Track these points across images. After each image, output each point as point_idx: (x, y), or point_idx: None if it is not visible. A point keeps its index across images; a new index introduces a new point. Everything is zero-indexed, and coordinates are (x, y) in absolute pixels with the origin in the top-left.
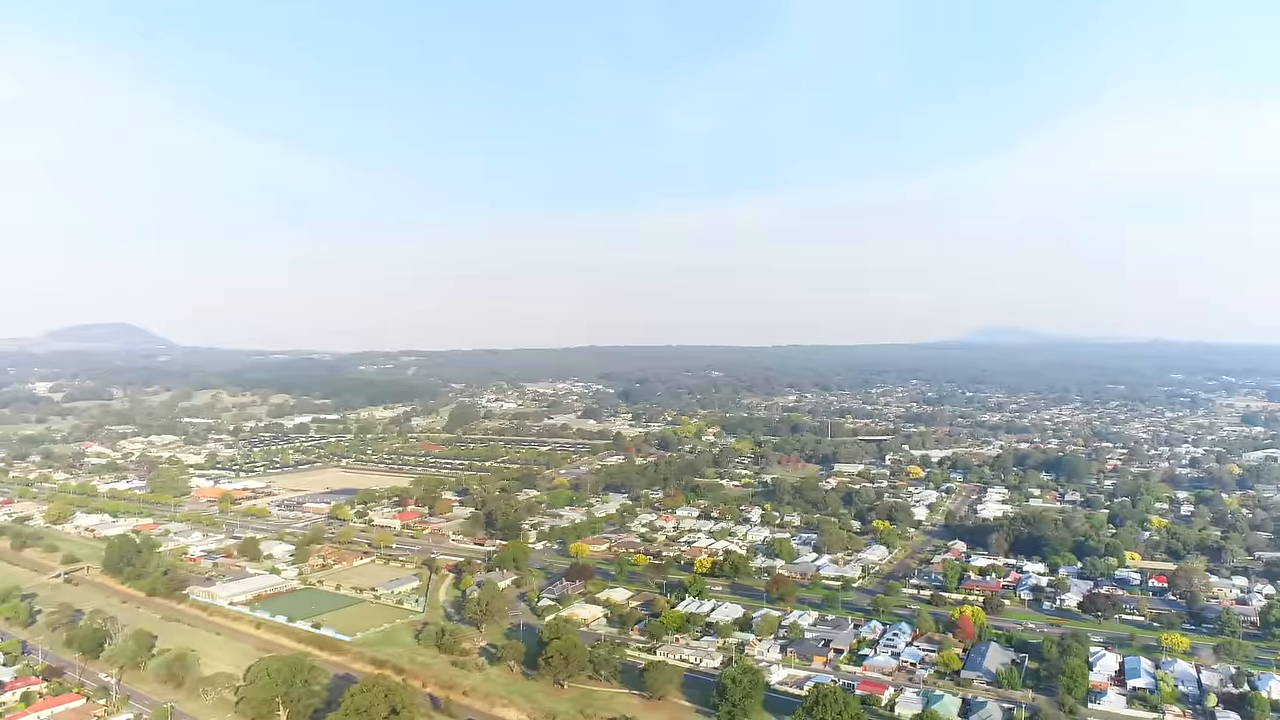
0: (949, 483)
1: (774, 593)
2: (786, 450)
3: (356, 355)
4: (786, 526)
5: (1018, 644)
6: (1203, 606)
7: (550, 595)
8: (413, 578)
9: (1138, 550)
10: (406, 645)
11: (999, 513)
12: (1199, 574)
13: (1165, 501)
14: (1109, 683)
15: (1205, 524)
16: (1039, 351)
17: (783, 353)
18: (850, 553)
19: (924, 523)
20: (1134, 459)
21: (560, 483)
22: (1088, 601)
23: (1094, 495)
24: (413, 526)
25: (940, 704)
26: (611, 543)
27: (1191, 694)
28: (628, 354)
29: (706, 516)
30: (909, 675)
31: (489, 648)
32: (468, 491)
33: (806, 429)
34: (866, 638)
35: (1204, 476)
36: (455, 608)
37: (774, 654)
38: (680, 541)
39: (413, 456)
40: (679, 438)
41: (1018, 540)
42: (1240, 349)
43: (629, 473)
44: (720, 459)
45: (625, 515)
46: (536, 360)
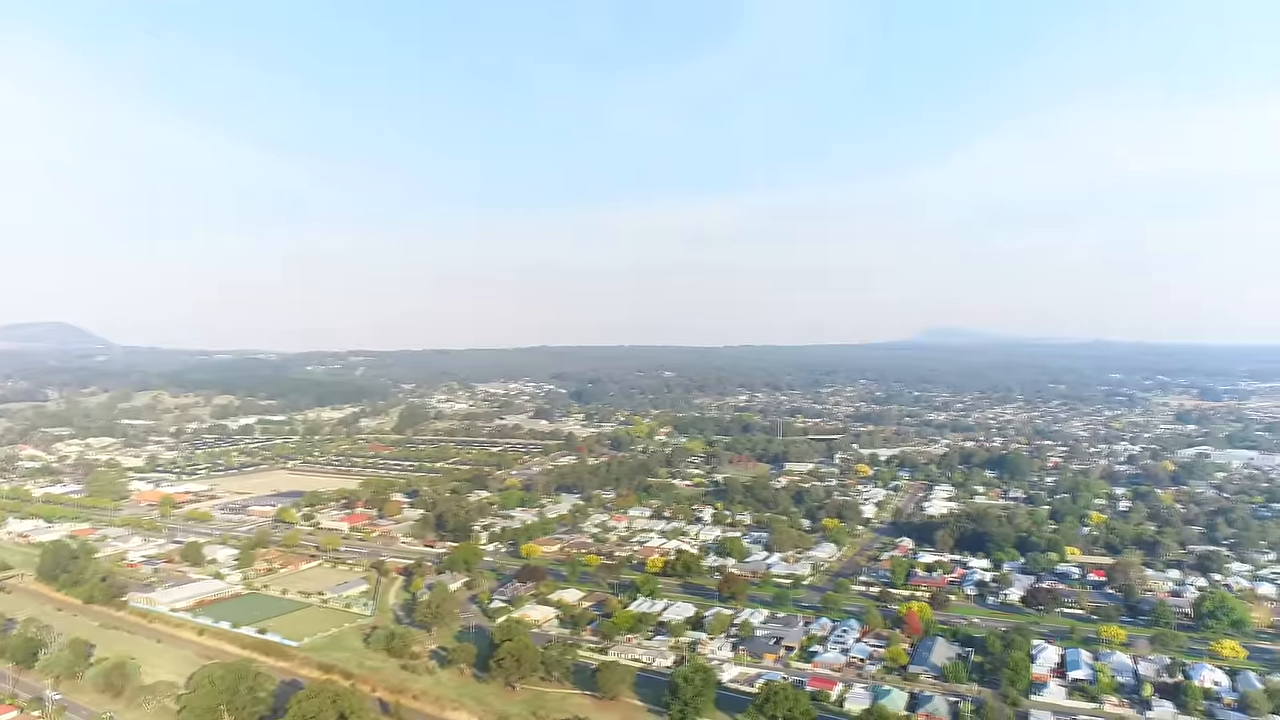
0: (897, 481)
1: (726, 591)
2: (738, 450)
3: (303, 355)
4: (738, 525)
5: (963, 638)
6: (1139, 599)
7: (502, 597)
8: (361, 581)
9: (1078, 545)
10: (355, 650)
11: (945, 510)
12: (1135, 568)
13: (1104, 498)
14: (1050, 675)
15: (1141, 519)
16: (984, 352)
17: (735, 353)
18: (800, 551)
19: (872, 520)
20: (1074, 456)
21: (512, 484)
22: (1030, 596)
23: (1036, 492)
24: (361, 529)
25: (888, 699)
26: (564, 543)
27: (1128, 684)
28: (580, 354)
29: (659, 516)
30: (858, 671)
31: (440, 651)
32: (418, 493)
33: (758, 428)
34: (816, 635)
35: (1140, 473)
36: (405, 611)
37: (726, 652)
38: (632, 541)
39: (361, 458)
40: (631, 438)
41: (963, 537)
42: (1176, 349)
43: (581, 473)
44: (672, 459)
45: (577, 516)
46: (488, 360)
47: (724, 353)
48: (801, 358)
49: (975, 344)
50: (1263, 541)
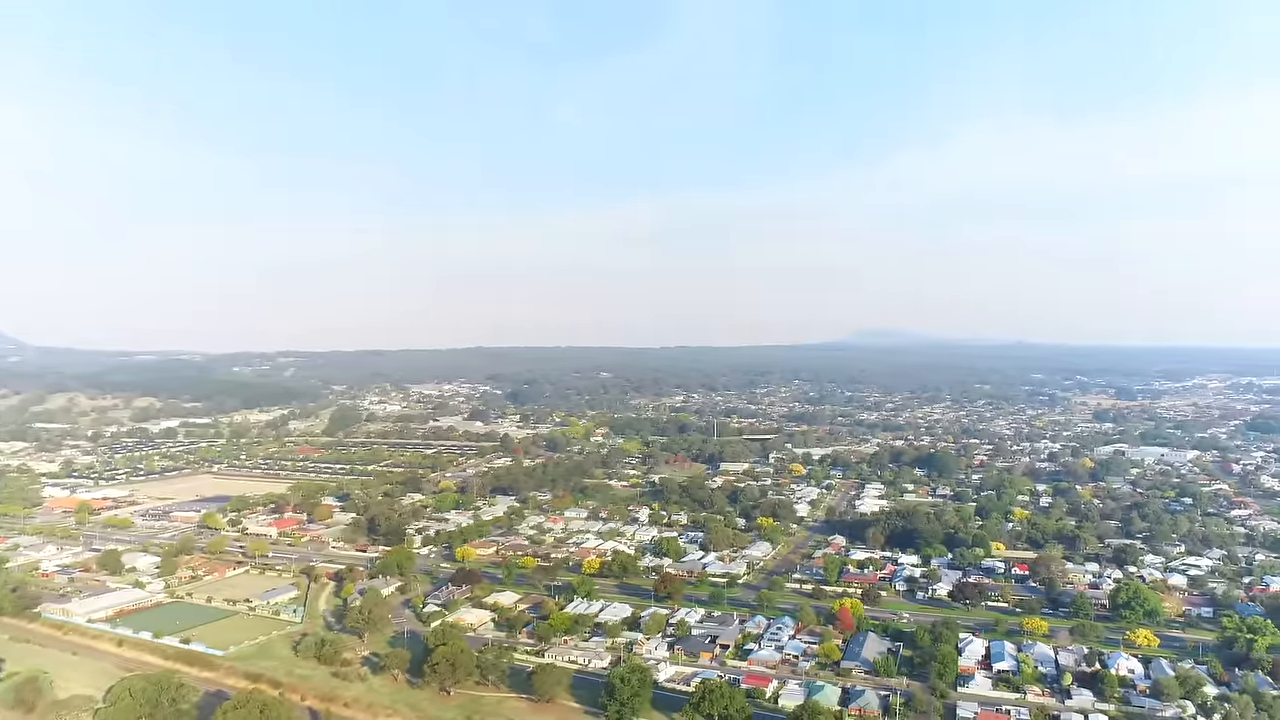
0: (829, 480)
1: (662, 591)
2: (674, 450)
3: (230, 356)
4: (674, 525)
5: (894, 633)
6: (1060, 591)
7: (436, 601)
8: (290, 587)
9: (1002, 540)
10: (284, 658)
11: (876, 508)
12: (1056, 561)
13: (1026, 494)
14: (976, 666)
15: (1062, 514)
16: (913, 353)
17: (671, 354)
18: (736, 550)
19: (806, 519)
20: (999, 454)
21: (446, 486)
22: (957, 590)
23: (963, 489)
24: (290, 534)
25: (821, 694)
26: (499, 546)
27: (1050, 674)
28: (515, 355)
29: (595, 517)
30: (792, 668)
31: (372, 657)
32: (349, 496)
33: (693, 429)
34: (751, 632)
35: (1061, 470)
36: (336, 617)
37: (662, 652)
38: (569, 543)
39: (290, 461)
40: (567, 439)
41: (893, 534)
42: (1095, 350)
43: (517, 475)
44: (609, 460)
45: (513, 518)
46: (422, 361)
47: (660, 353)
48: (737, 358)
49: (905, 345)
50: (1174, 535)
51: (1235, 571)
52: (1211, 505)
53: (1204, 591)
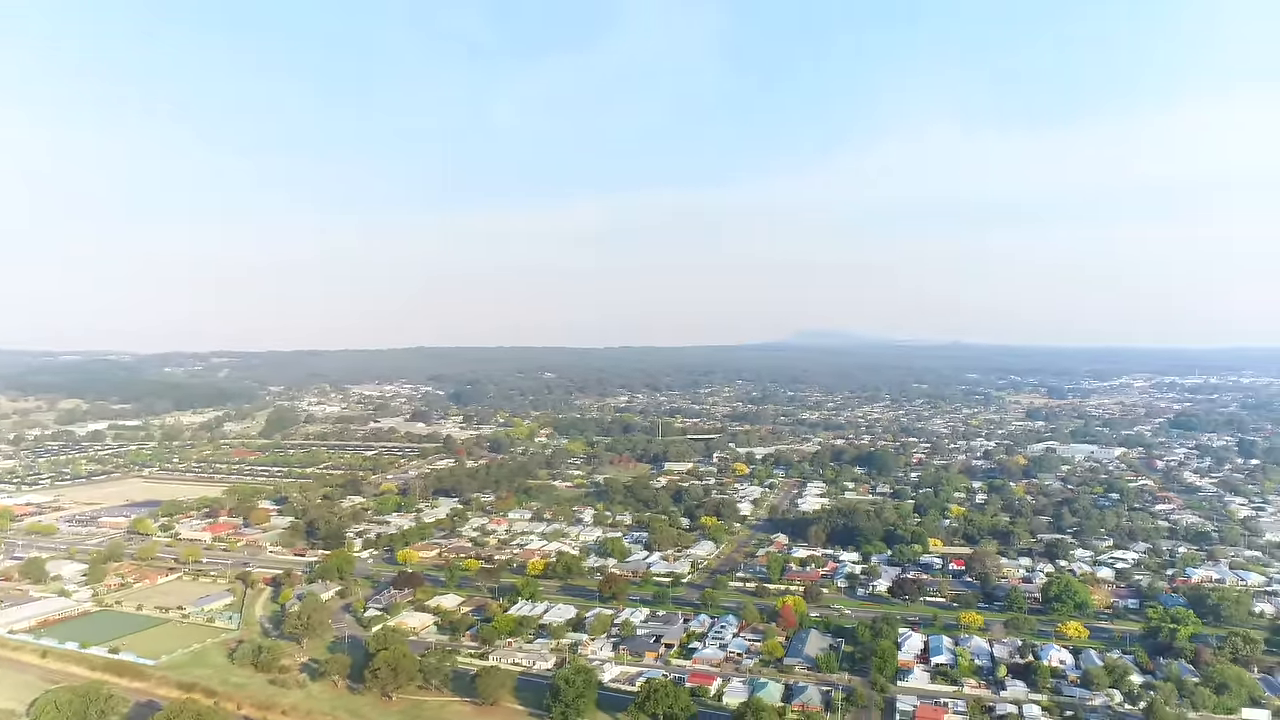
0: (772, 479)
1: (606, 592)
2: (618, 450)
3: (161, 356)
4: (618, 526)
5: (835, 629)
6: (994, 586)
7: (377, 605)
8: (225, 593)
9: (939, 537)
10: (218, 666)
11: (817, 506)
12: (991, 556)
13: (962, 491)
14: (915, 660)
15: (996, 510)
16: (853, 353)
17: (615, 354)
18: (680, 549)
19: (749, 518)
20: (936, 452)
21: (387, 488)
22: (896, 586)
23: (901, 487)
24: (225, 539)
25: (764, 691)
26: (442, 548)
27: (985, 666)
28: (458, 355)
29: (539, 518)
30: (736, 665)
31: (311, 663)
32: (287, 500)
33: (638, 429)
34: (696, 631)
35: (995, 467)
36: (274, 623)
37: (607, 652)
38: (513, 544)
39: (225, 464)
40: (511, 440)
41: (834, 531)
42: (1027, 350)
43: (460, 476)
44: (553, 460)
45: (456, 520)
46: (362, 362)
47: (604, 353)
48: (680, 358)
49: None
50: (1102, 529)
51: (1159, 564)
52: (1137, 500)
53: (1130, 584)
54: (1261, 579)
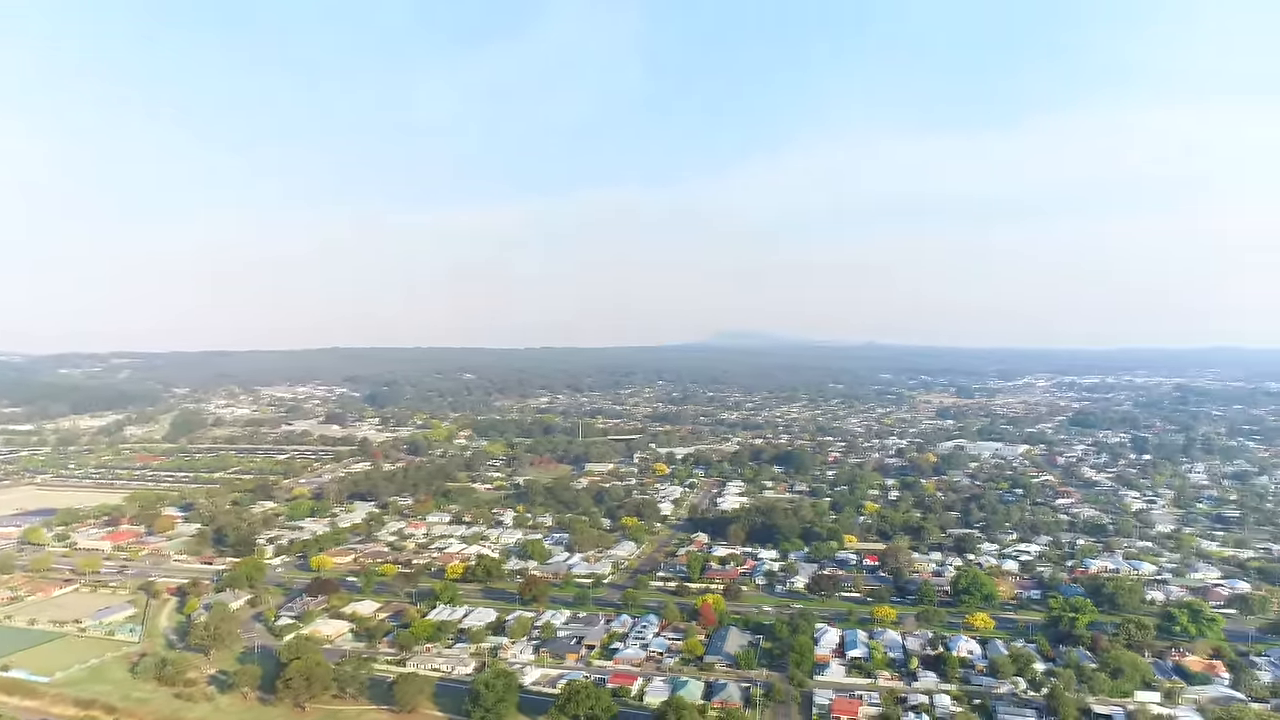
0: (692, 478)
1: (527, 594)
2: (539, 452)
3: (55, 357)
4: (539, 527)
5: (754, 626)
6: (907, 580)
7: (290, 613)
8: (127, 605)
9: (855, 533)
10: (119, 681)
11: (737, 504)
12: (904, 552)
13: (877, 488)
14: (831, 655)
15: (909, 507)
16: (771, 354)
17: (535, 354)
18: (601, 550)
19: (670, 517)
20: (851, 451)
21: (300, 493)
22: (813, 583)
23: (818, 485)
24: (127, 548)
25: (685, 689)
26: (358, 554)
27: (898, 658)
28: (374, 356)
29: (458, 521)
30: (657, 664)
31: (219, 675)
32: (193, 506)
33: (559, 430)
34: (617, 632)
35: (907, 465)
36: (179, 635)
37: (528, 655)
38: (431, 548)
39: (127, 470)
40: (430, 442)
41: (753, 529)
42: (937, 351)
43: (376, 479)
44: (472, 462)
45: (372, 524)
46: (273, 362)
47: (524, 354)
48: (602, 359)
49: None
50: (1007, 523)
51: (1060, 556)
52: (1039, 495)
53: (1033, 575)
54: (1153, 568)
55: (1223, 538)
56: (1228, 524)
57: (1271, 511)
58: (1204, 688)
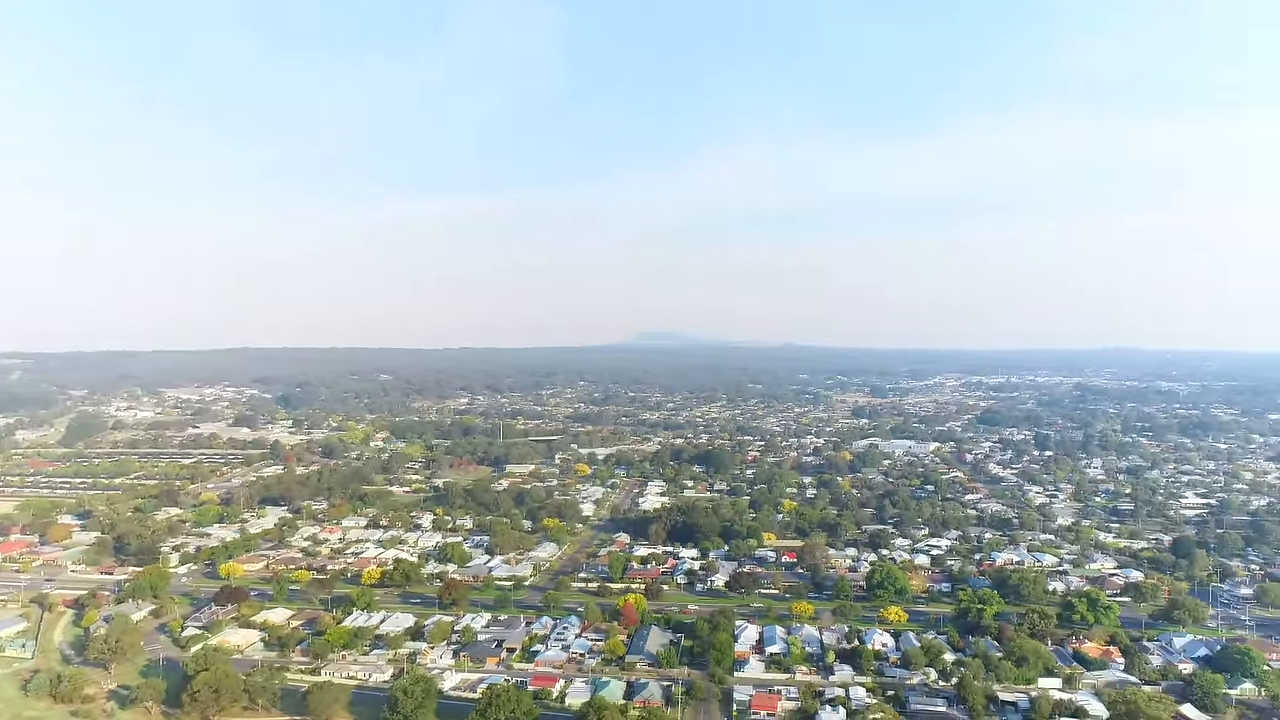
0: (614, 479)
1: (446, 598)
2: (458, 453)
3: None
4: (459, 530)
5: (675, 625)
6: (824, 576)
7: (197, 623)
8: (18, 619)
9: (773, 531)
10: (10, 699)
11: (658, 504)
12: (820, 548)
13: (794, 486)
14: (751, 651)
15: (825, 504)
16: (691, 355)
17: (454, 355)
18: (522, 552)
19: (591, 518)
20: (770, 450)
21: (208, 498)
22: (733, 580)
23: (738, 484)
24: (18, 559)
25: (606, 689)
26: (269, 560)
27: (816, 653)
28: (286, 356)
29: (375, 525)
30: (578, 666)
31: (121, 690)
32: (92, 514)
33: (478, 431)
34: (538, 634)
35: (824, 463)
36: (76, 649)
37: (447, 660)
38: (347, 553)
39: (17, 476)
40: (345, 444)
41: (674, 529)
42: (852, 353)
43: (289, 483)
44: (389, 465)
45: (285, 529)
46: (178, 363)
47: (444, 354)
48: (522, 360)
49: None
50: (919, 519)
51: (969, 549)
52: (949, 491)
53: (944, 569)
54: (1054, 560)
55: (1118, 529)
56: (1122, 516)
57: (1162, 504)
58: (1101, 672)
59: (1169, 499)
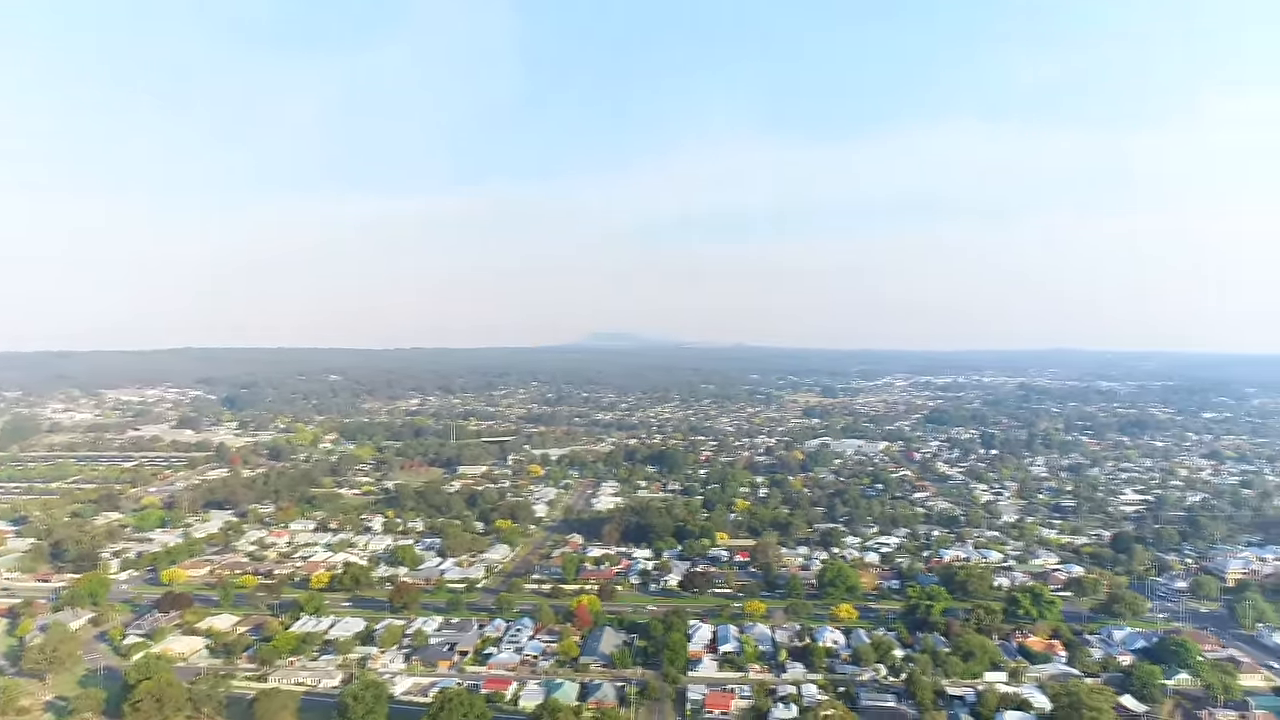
0: (567, 479)
1: (398, 602)
2: (410, 455)
3: None
4: (410, 533)
5: (629, 626)
6: (776, 574)
7: (138, 631)
8: None
9: (726, 530)
10: None
11: (612, 505)
12: (772, 547)
13: (747, 486)
14: (704, 651)
15: (777, 503)
16: (644, 355)
17: (405, 355)
18: (475, 554)
19: (544, 519)
20: (722, 450)
21: (150, 502)
22: (686, 580)
23: (691, 484)
24: None
25: (560, 691)
26: (214, 565)
27: (768, 651)
28: (232, 356)
29: (324, 528)
30: (532, 668)
31: (58, 701)
32: (26, 519)
33: (430, 432)
34: (491, 637)
35: (776, 463)
36: (10, 659)
37: (398, 664)
38: (295, 557)
39: None
40: (293, 446)
41: (628, 529)
42: (804, 353)
43: (234, 486)
44: (339, 467)
45: (231, 534)
46: (119, 363)
47: (394, 355)
48: (474, 360)
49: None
50: (869, 517)
51: (917, 547)
52: (898, 489)
53: (893, 566)
54: (999, 556)
55: (1060, 526)
56: (1064, 513)
57: (1102, 501)
58: (1044, 666)
59: (1109, 496)
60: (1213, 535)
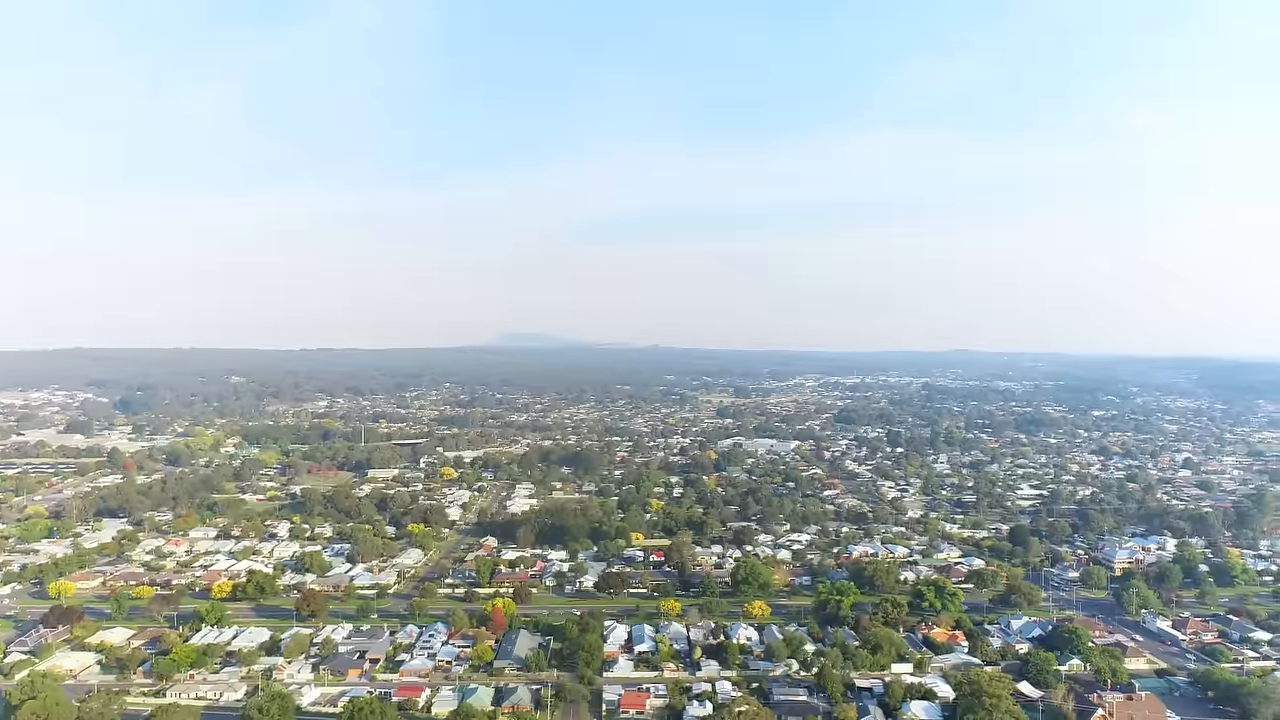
0: (481, 482)
1: (305, 610)
2: (317, 459)
3: None
4: (318, 538)
5: (545, 628)
6: (690, 573)
7: (22, 648)
8: None
9: (641, 530)
10: None
11: (526, 507)
12: (687, 546)
13: (661, 486)
14: (620, 651)
15: (691, 503)
16: (559, 355)
17: (311, 356)
18: (386, 559)
19: (458, 522)
20: (638, 450)
21: (35, 511)
22: (602, 581)
23: (606, 484)
24: None
25: (474, 696)
26: (107, 576)
27: (683, 650)
28: (126, 357)
29: (226, 536)
30: (445, 674)
31: None
32: None
33: (339, 435)
34: (403, 643)
35: (690, 462)
36: None
37: (306, 674)
38: (195, 566)
39: None
40: (192, 451)
41: (543, 531)
42: (717, 354)
43: (128, 494)
44: (242, 472)
45: (125, 543)
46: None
47: (300, 356)
48: (384, 361)
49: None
50: (781, 515)
51: (827, 543)
52: (809, 487)
53: (804, 562)
54: (905, 551)
55: (962, 520)
56: (965, 508)
57: (1000, 495)
58: (947, 656)
59: (1007, 491)
60: (1101, 527)
